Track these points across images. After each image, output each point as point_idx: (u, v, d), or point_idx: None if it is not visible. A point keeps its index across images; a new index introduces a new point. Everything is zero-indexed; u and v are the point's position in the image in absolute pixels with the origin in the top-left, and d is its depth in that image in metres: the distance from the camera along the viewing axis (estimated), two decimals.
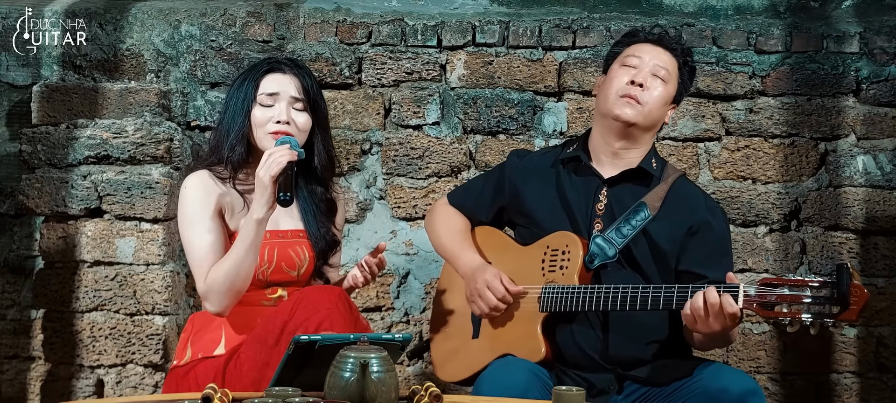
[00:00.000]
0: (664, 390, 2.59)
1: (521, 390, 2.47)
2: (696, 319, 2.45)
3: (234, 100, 2.75)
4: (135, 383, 3.36)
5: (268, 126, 2.70)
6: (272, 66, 2.76)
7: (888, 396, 3.51)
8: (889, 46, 3.58)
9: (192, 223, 2.67)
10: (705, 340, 2.58)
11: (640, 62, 2.72)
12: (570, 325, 2.66)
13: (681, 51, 2.77)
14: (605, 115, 2.73)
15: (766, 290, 2.38)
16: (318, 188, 2.84)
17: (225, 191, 2.71)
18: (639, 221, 2.67)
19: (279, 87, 2.73)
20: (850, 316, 2.30)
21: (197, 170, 2.74)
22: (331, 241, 2.83)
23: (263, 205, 2.57)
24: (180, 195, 2.71)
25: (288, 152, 2.58)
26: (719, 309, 2.40)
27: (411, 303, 3.62)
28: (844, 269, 2.29)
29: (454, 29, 3.65)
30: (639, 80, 2.69)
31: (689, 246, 2.68)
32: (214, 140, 2.78)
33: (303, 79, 2.76)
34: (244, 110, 2.72)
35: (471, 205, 2.94)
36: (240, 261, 2.60)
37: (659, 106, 2.71)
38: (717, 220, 2.73)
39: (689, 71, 2.80)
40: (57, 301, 3.37)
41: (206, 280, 2.63)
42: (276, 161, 2.56)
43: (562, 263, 2.66)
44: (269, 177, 2.55)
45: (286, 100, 2.72)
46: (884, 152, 3.52)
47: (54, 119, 3.49)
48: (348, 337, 2.20)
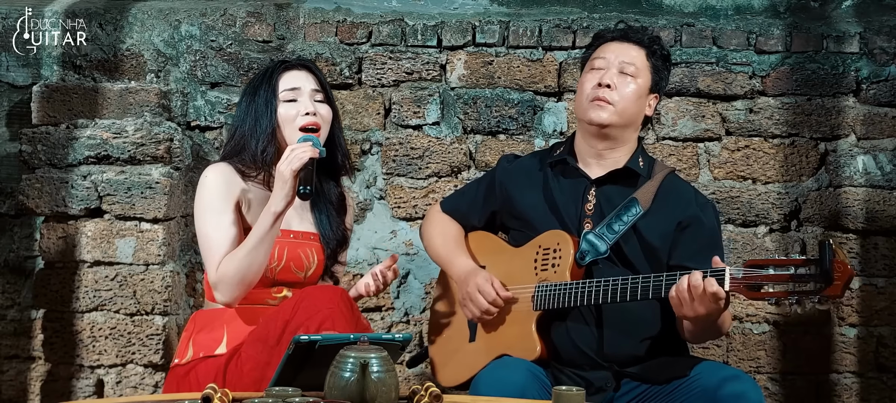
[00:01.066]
0: (662, 388, 2.60)
1: (519, 390, 2.47)
2: (681, 302, 2.46)
3: (254, 101, 2.77)
4: (135, 383, 3.36)
5: (297, 120, 2.74)
6: (288, 65, 2.80)
7: (888, 396, 3.51)
8: (889, 46, 3.59)
9: (209, 212, 2.69)
10: (695, 328, 2.58)
11: (605, 62, 2.74)
12: (565, 323, 2.67)
13: (647, 40, 2.78)
14: (581, 121, 2.76)
15: (752, 271, 2.40)
16: (332, 185, 2.88)
17: (246, 187, 2.73)
18: (630, 217, 2.68)
19: (299, 82, 2.77)
20: (834, 291, 2.33)
21: (216, 163, 2.76)
22: (342, 239, 2.86)
23: (282, 199, 2.60)
24: (200, 184, 2.72)
25: (310, 149, 2.62)
26: (703, 291, 2.42)
27: (411, 303, 3.62)
28: (827, 246, 2.32)
29: (454, 29, 3.65)
30: (605, 81, 2.71)
31: (679, 241, 2.70)
32: (236, 142, 2.78)
33: (317, 73, 2.82)
34: (270, 110, 2.74)
35: (464, 211, 2.97)
36: (253, 252, 2.61)
37: (632, 101, 2.73)
38: (707, 215, 2.74)
39: (662, 58, 2.80)
40: (57, 301, 3.37)
41: (219, 269, 2.64)
42: (298, 156, 2.59)
43: (553, 261, 2.68)
44: (291, 171, 2.58)
45: (308, 94, 2.76)
46: (884, 152, 3.52)
47: (54, 119, 3.49)
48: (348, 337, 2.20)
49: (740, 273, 2.41)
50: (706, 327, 2.58)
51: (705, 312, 2.46)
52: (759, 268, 2.40)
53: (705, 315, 2.47)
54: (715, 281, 2.42)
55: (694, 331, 2.62)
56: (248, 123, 2.77)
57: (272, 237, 2.63)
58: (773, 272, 2.38)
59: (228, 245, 2.66)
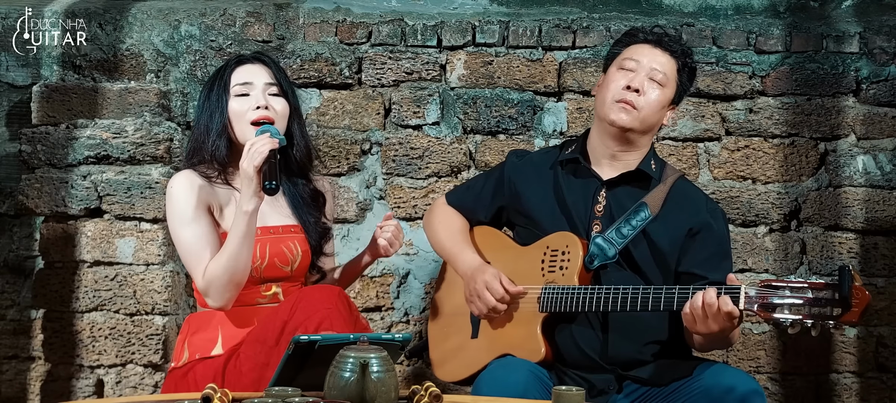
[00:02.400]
0: (664, 390, 2.59)
1: (521, 390, 2.46)
2: (695, 320, 2.45)
3: (209, 99, 2.75)
4: (135, 383, 3.36)
5: (247, 115, 2.71)
6: (240, 59, 2.78)
7: (888, 396, 3.51)
8: (889, 46, 3.58)
9: (183, 220, 2.67)
10: (705, 341, 2.58)
11: (637, 65, 2.70)
12: (569, 325, 2.66)
13: (681, 52, 2.75)
14: (602, 119, 2.72)
15: (768, 292, 2.37)
16: (299, 180, 2.84)
17: (211, 190, 2.71)
18: (639, 222, 2.66)
19: (251, 77, 2.74)
20: (852, 317, 2.30)
21: (181, 171, 2.74)
22: (323, 231, 2.84)
23: (251, 196, 2.58)
24: (168, 195, 2.70)
25: (269, 140, 2.58)
26: (718, 309, 2.40)
27: (411, 303, 3.62)
28: (846, 271, 2.29)
29: (454, 29, 3.65)
30: (635, 85, 2.67)
31: (689, 247, 2.68)
32: (193, 142, 2.78)
33: (272, 67, 2.78)
34: (220, 105, 2.72)
35: (470, 205, 2.94)
36: (236, 253, 2.59)
37: (656, 110, 2.70)
38: (717, 222, 2.73)
39: (689, 72, 2.78)
40: (57, 301, 3.37)
41: (205, 275, 2.63)
42: (258, 150, 2.56)
43: (562, 264, 2.66)
44: (253, 167, 2.55)
45: (260, 88, 2.73)
46: (884, 152, 3.52)
47: (54, 119, 3.48)
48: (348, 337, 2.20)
49: (755, 291, 2.39)
50: (715, 340, 2.57)
51: (718, 329, 2.44)
52: (775, 289, 2.36)
53: (718, 331, 2.45)
54: (729, 299, 2.39)
55: (703, 344, 2.61)
56: (202, 122, 2.75)
57: (251, 235, 2.61)
58: (790, 294, 2.35)
59: (210, 250, 2.64)
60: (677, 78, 2.74)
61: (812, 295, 2.33)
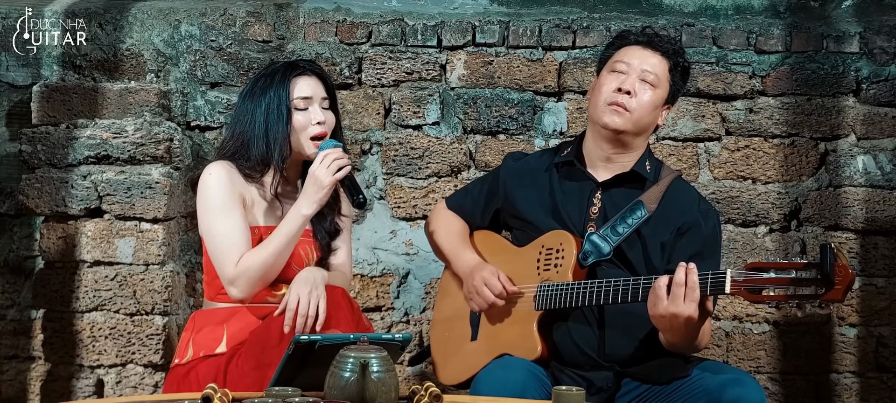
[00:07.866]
0: (663, 388, 2.60)
1: (519, 389, 2.47)
2: (656, 298, 2.43)
3: (265, 105, 2.71)
4: (135, 383, 3.36)
5: (309, 129, 2.72)
6: (299, 70, 2.76)
7: (888, 396, 3.51)
8: (889, 46, 3.59)
9: (219, 209, 2.67)
10: (670, 335, 2.52)
11: (628, 67, 2.70)
12: (566, 323, 2.66)
13: (672, 52, 2.75)
14: (595, 122, 2.73)
15: (753, 274, 2.39)
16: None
17: (245, 185, 2.72)
18: (635, 220, 2.67)
19: (311, 91, 2.74)
20: (835, 295, 2.32)
21: (216, 161, 2.73)
22: (334, 231, 2.85)
23: (315, 203, 2.63)
24: (203, 183, 2.69)
25: (343, 155, 2.64)
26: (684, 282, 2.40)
27: (411, 303, 3.62)
28: (828, 249, 2.31)
29: (454, 29, 3.65)
30: (626, 87, 2.68)
31: (676, 245, 2.69)
32: (238, 139, 2.74)
33: (326, 78, 2.80)
34: (284, 115, 2.70)
35: (468, 209, 2.96)
36: (279, 251, 2.63)
37: (648, 111, 2.71)
38: (707, 221, 2.72)
39: (682, 71, 2.77)
40: (57, 301, 3.37)
41: (238, 265, 2.63)
42: (339, 165, 2.62)
43: (556, 261, 2.67)
44: (332, 179, 2.61)
45: (318, 102, 2.75)
46: (884, 152, 3.52)
47: (54, 119, 3.49)
48: (348, 337, 2.20)
49: (741, 275, 2.40)
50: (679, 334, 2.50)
51: (678, 312, 2.42)
52: (761, 271, 2.39)
53: (684, 318, 2.42)
54: (694, 268, 2.41)
55: (670, 340, 2.56)
56: (257, 126, 2.72)
57: (297, 237, 2.66)
58: (774, 275, 2.37)
59: (244, 241, 2.66)
60: (669, 78, 2.74)
61: (795, 275, 2.35)
